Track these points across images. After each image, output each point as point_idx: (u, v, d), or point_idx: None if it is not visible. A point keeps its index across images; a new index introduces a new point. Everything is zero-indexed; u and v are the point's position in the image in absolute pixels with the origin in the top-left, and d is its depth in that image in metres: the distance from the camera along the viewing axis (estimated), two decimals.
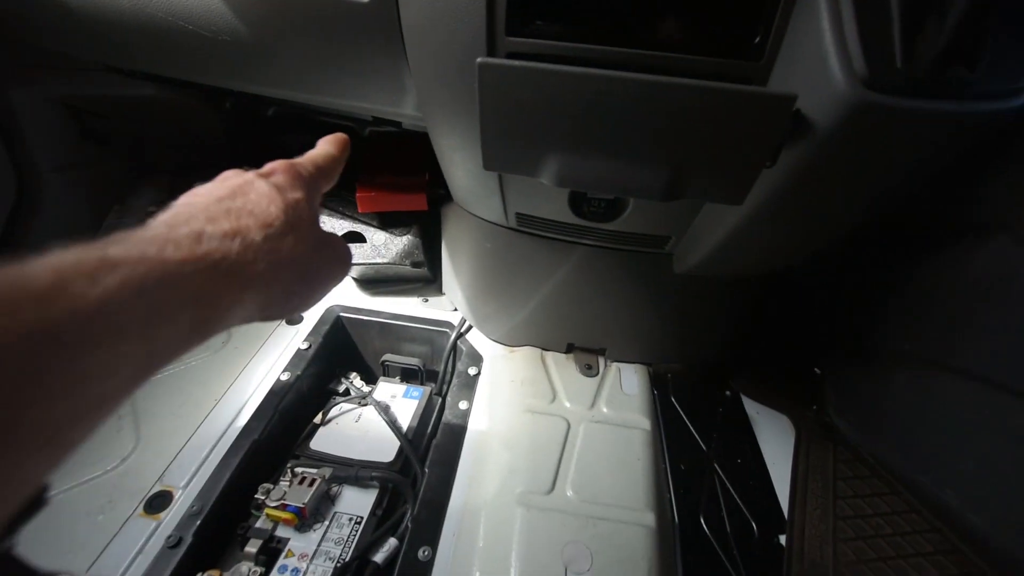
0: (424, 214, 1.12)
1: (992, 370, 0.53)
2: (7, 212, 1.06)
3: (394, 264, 1.10)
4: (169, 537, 0.73)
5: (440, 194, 1.06)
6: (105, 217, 1.27)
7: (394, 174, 1.07)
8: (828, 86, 0.44)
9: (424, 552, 0.72)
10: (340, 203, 1.15)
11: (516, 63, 0.44)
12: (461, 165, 0.72)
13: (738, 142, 0.45)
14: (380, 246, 1.10)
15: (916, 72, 0.43)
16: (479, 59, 0.44)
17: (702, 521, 0.79)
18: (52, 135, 1.07)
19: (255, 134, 1.33)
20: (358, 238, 1.12)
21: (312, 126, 1.32)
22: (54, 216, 1.12)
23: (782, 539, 0.79)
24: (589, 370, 0.96)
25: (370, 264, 1.10)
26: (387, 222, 1.13)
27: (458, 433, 0.88)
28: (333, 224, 1.13)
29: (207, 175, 0.40)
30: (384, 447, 0.91)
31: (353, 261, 1.09)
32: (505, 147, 0.50)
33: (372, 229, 1.12)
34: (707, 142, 0.45)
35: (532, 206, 0.75)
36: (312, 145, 0.49)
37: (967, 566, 0.76)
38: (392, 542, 0.77)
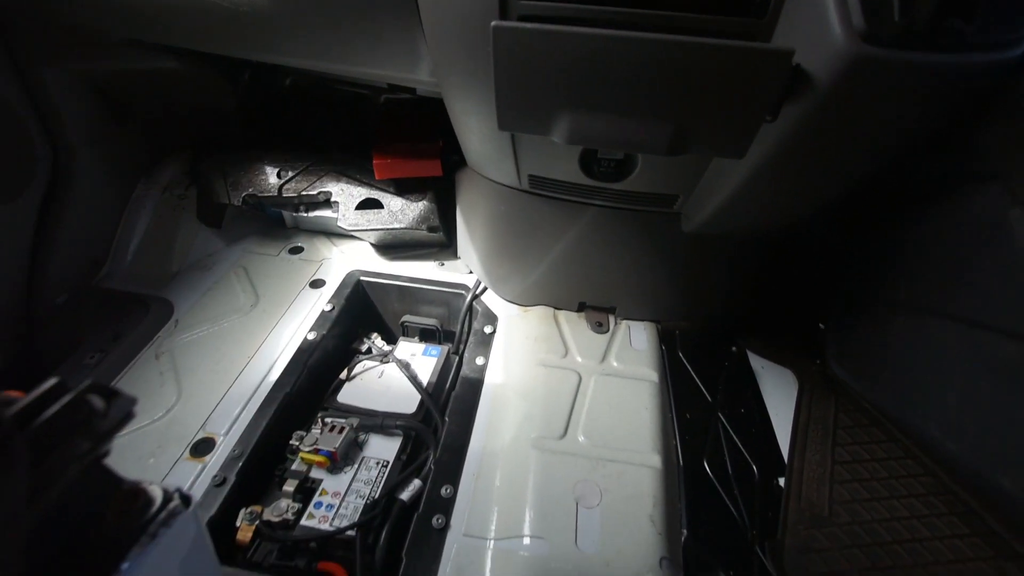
0: (439, 180, 1.15)
1: (978, 311, 0.55)
2: (45, 185, 1.11)
3: (411, 229, 1.14)
4: (215, 477, 0.81)
5: (455, 160, 1.09)
6: (133, 190, 1.33)
7: (409, 141, 1.10)
8: (827, 41, 0.46)
9: (446, 490, 0.78)
10: (357, 171, 1.19)
11: (529, 25, 0.47)
12: (476, 129, 0.75)
13: (739, 96, 0.47)
14: (397, 212, 1.14)
15: (913, 25, 0.45)
16: (493, 23, 0.47)
17: (705, 464, 0.84)
18: (82, 111, 1.11)
19: (266, 106, 1.36)
20: (375, 204, 1.16)
21: (326, 99, 1.35)
22: (86, 189, 1.17)
23: (781, 481, 0.84)
24: (600, 327, 1.00)
25: (388, 229, 1.14)
26: (403, 188, 1.17)
27: (475, 385, 0.94)
28: (350, 191, 1.17)
29: (223, 149, 0.41)
30: (406, 400, 0.97)
31: (371, 227, 1.15)
32: (518, 107, 0.53)
33: (389, 195, 1.16)
34: (710, 97, 0.48)
35: (544, 168, 0.78)
36: (322, 120, 0.50)
37: (957, 505, 0.80)
38: (416, 483, 0.83)
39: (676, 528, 0.75)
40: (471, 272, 1.17)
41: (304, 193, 1.18)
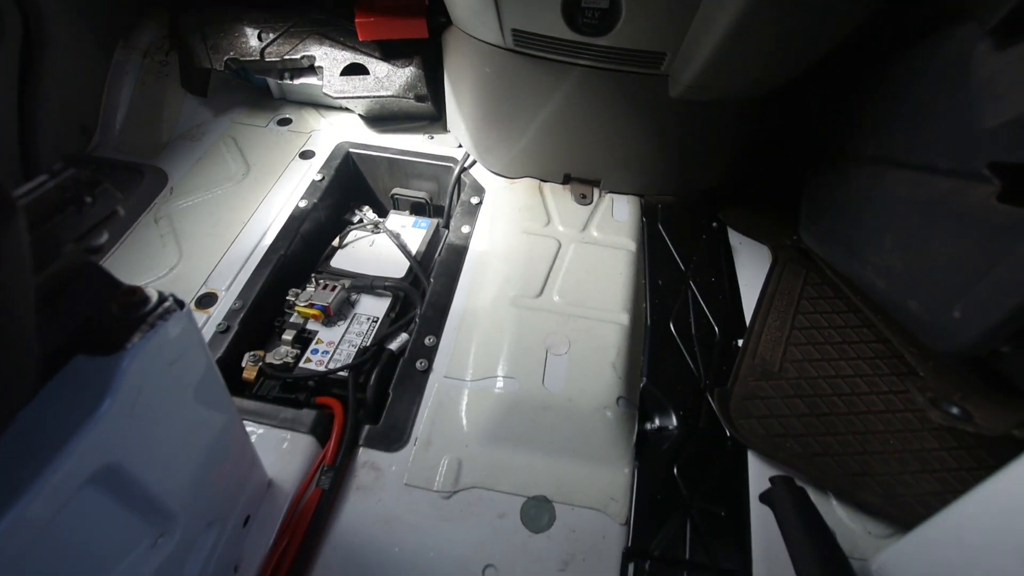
0: (426, 46, 1.10)
1: (928, 155, 0.56)
2: (19, 41, 1.08)
3: (398, 97, 1.11)
4: (219, 325, 0.88)
5: (441, 22, 1.03)
6: (111, 53, 1.28)
7: None
8: None
9: (430, 339, 0.86)
10: (340, 32, 1.13)
11: None
12: None
13: None
14: (383, 78, 1.11)
15: None
16: None
17: (671, 325, 0.90)
18: None
19: None
20: (361, 70, 1.12)
21: None
22: (63, 49, 1.13)
23: (740, 343, 0.90)
24: (584, 199, 1.02)
25: (375, 97, 1.12)
26: (389, 53, 1.12)
27: (460, 251, 0.98)
28: (335, 55, 1.13)
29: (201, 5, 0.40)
30: (396, 266, 1.03)
31: (357, 94, 1.12)
32: None
33: (375, 60, 1.12)
34: None
35: (527, 19, 0.75)
36: None
37: (899, 367, 0.88)
38: (404, 336, 0.91)
39: (636, 375, 0.83)
40: (460, 146, 1.17)
41: (287, 57, 1.14)
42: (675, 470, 0.75)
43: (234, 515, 0.62)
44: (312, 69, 1.15)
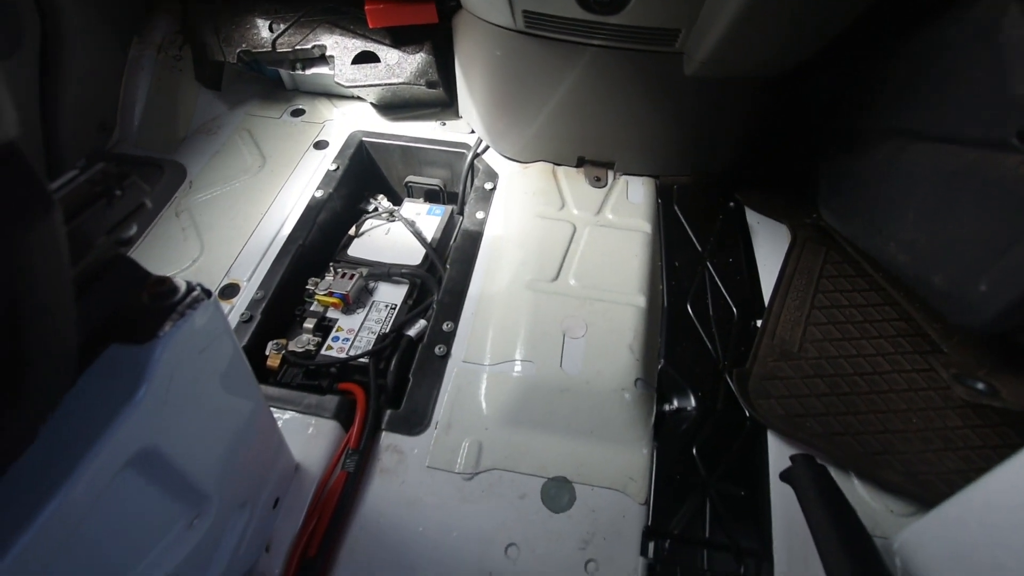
0: (436, 31, 1.10)
1: (953, 127, 0.55)
2: (38, 40, 1.09)
3: (409, 84, 1.11)
4: (242, 315, 0.90)
5: (450, 6, 1.03)
6: (127, 48, 1.30)
7: None
8: None
9: (447, 325, 0.87)
10: (350, 20, 1.13)
11: None
12: None
13: None
14: (394, 65, 1.11)
15: None
16: None
17: (688, 307, 0.90)
18: None
19: None
20: (372, 58, 1.12)
21: None
22: (80, 47, 1.15)
23: (759, 323, 0.90)
24: (598, 182, 1.01)
25: (386, 84, 1.12)
26: (399, 40, 1.12)
27: (475, 237, 0.99)
28: (345, 44, 1.13)
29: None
30: (412, 254, 1.03)
31: (368, 82, 1.12)
32: None
33: (385, 48, 1.11)
34: None
35: (538, 0, 0.74)
36: None
37: (922, 346, 0.86)
38: (422, 322, 0.92)
39: (653, 357, 0.83)
40: (472, 131, 1.16)
41: (299, 48, 1.14)
42: (694, 450, 0.76)
43: (264, 497, 0.64)
44: (323, 59, 1.15)
